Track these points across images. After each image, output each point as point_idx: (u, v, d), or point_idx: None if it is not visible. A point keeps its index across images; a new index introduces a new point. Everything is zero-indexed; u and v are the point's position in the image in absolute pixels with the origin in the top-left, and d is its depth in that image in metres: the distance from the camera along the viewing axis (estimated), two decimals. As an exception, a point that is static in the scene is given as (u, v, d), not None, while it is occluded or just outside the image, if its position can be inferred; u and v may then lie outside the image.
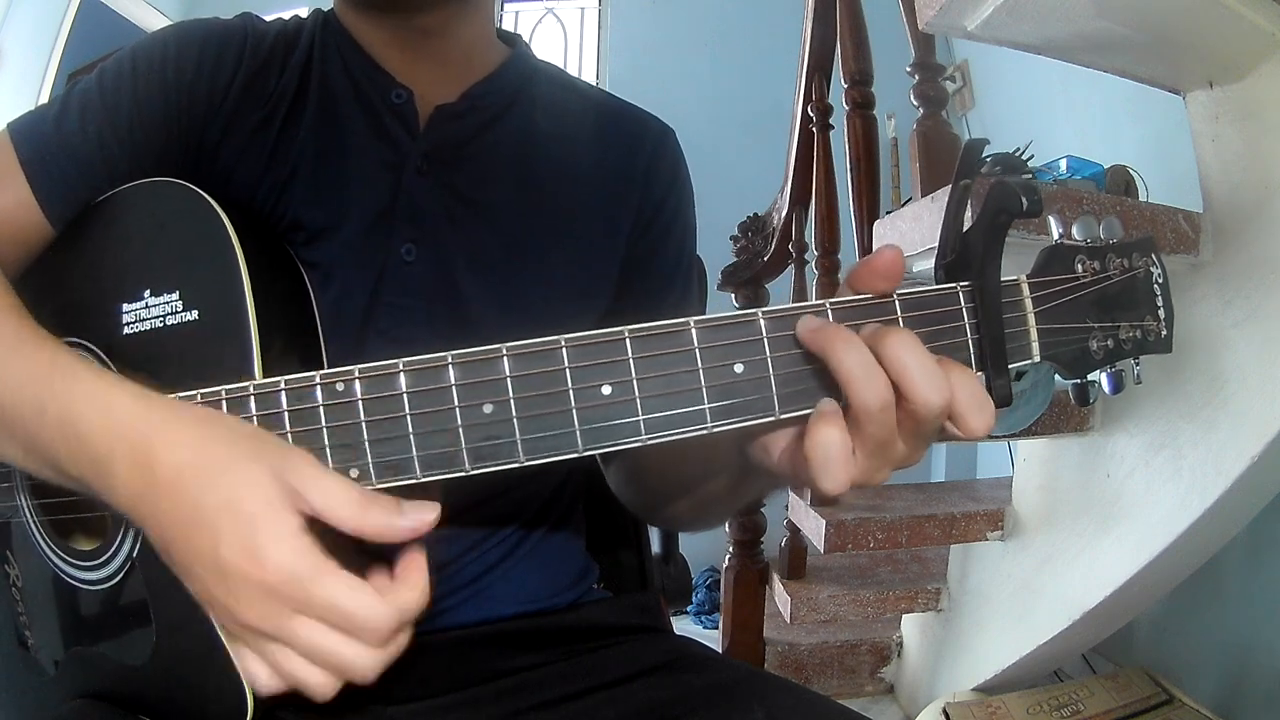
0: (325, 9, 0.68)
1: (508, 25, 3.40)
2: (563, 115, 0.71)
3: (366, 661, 0.39)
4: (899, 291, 0.42)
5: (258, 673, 0.41)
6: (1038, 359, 0.44)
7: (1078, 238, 0.45)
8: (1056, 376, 0.46)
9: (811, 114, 1.80)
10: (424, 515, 0.40)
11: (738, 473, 0.54)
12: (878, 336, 0.39)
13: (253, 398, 0.43)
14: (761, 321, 0.41)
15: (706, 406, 0.41)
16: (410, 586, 0.40)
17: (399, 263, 0.63)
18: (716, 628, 2.16)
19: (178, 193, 0.54)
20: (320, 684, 0.40)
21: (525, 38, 0.75)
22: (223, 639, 0.42)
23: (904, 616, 1.90)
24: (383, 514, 0.40)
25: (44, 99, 2.29)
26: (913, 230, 1.16)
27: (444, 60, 0.66)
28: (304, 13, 0.68)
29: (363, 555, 0.41)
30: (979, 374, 0.42)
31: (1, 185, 0.58)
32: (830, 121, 1.78)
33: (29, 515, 0.60)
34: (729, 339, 0.41)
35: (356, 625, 0.39)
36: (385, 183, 0.64)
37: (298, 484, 0.39)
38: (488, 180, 0.66)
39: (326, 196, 0.62)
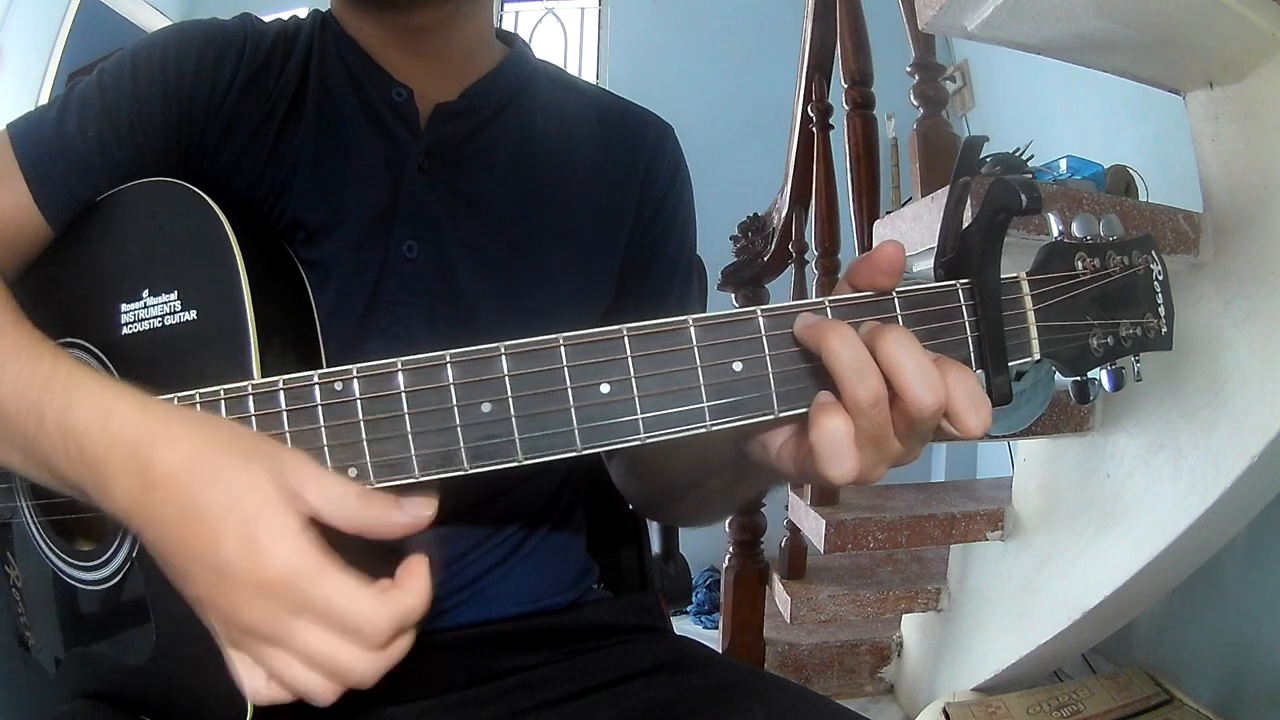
0: (324, 9, 0.68)
1: (508, 25, 3.40)
2: (562, 114, 0.71)
3: (365, 665, 0.39)
4: (898, 289, 0.42)
5: (255, 682, 0.40)
6: (1037, 356, 0.43)
7: (1077, 235, 0.45)
8: (1056, 375, 0.46)
9: (811, 114, 1.80)
10: (421, 510, 0.41)
11: (736, 469, 0.54)
12: (874, 334, 0.39)
13: (251, 397, 0.43)
14: (760, 320, 0.41)
15: (705, 405, 0.40)
16: (410, 590, 0.40)
17: (400, 260, 0.63)
18: (716, 628, 2.16)
19: (176, 192, 0.54)
20: (319, 689, 0.39)
21: (525, 38, 0.75)
22: (221, 646, 0.42)
23: (904, 616, 1.90)
24: (380, 510, 0.40)
25: (44, 99, 2.28)
26: (913, 230, 1.16)
27: (442, 59, 0.66)
28: (303, 13, 0.68)
29: (371, 558, 0.41)
30: (978, 371, 0.42)
31: (1, 186, 0.58)
32: (830, 121, 1.78)
33: (29, 516, 0.60)
34: (727, 337, 0.41)
35: (355, 626, 0.38)
36: (385, 181, 0.64)
37: (295, 484, 0.39)
38: (488, 178, 0.66)
39: (326, 195, 0.62)
